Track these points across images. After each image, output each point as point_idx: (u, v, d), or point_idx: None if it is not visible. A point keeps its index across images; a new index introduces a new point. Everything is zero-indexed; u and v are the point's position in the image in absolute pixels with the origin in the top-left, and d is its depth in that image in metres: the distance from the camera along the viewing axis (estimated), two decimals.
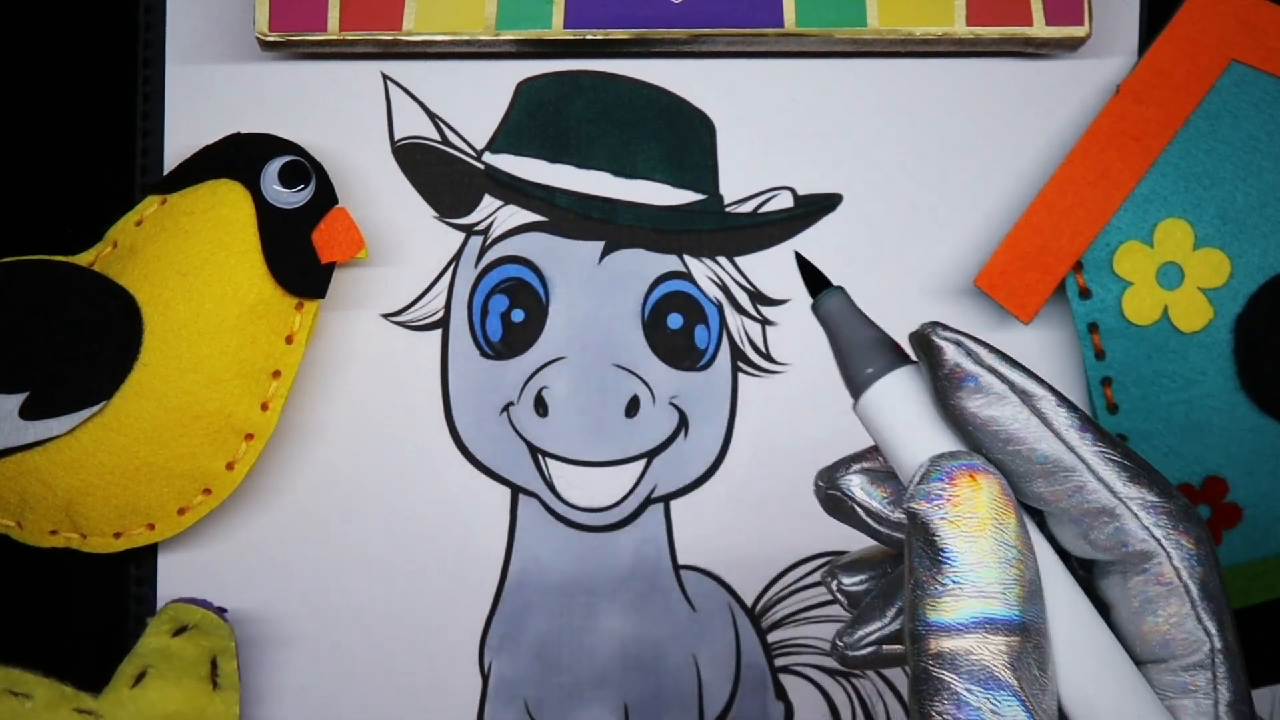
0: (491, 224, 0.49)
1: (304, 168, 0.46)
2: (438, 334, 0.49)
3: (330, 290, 0.47)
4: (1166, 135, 0.48)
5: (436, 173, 0.49)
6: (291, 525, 0.49)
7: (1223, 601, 0.32)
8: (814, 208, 0.49)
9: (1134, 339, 0.48)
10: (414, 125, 0.49)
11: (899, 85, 0.49)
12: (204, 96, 0.48)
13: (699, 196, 0.49)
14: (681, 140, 0.49)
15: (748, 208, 0.49)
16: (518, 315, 0.49)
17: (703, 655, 0.49)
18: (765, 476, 0.49)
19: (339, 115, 0.49)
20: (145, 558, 0.48)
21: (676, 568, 0.49)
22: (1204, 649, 0.32)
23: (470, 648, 0.49)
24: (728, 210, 0.49)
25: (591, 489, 0.49)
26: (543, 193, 0.49)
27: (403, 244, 0.49)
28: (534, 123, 0.49)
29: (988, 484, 0.32)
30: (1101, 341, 0.48)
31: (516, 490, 0.49)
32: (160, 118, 0.48)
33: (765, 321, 0.49)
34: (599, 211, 0.49)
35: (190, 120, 0.48)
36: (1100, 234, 0.48)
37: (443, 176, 0.49)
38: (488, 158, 0.49)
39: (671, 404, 0.49)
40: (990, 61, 0.49)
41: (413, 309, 0.49)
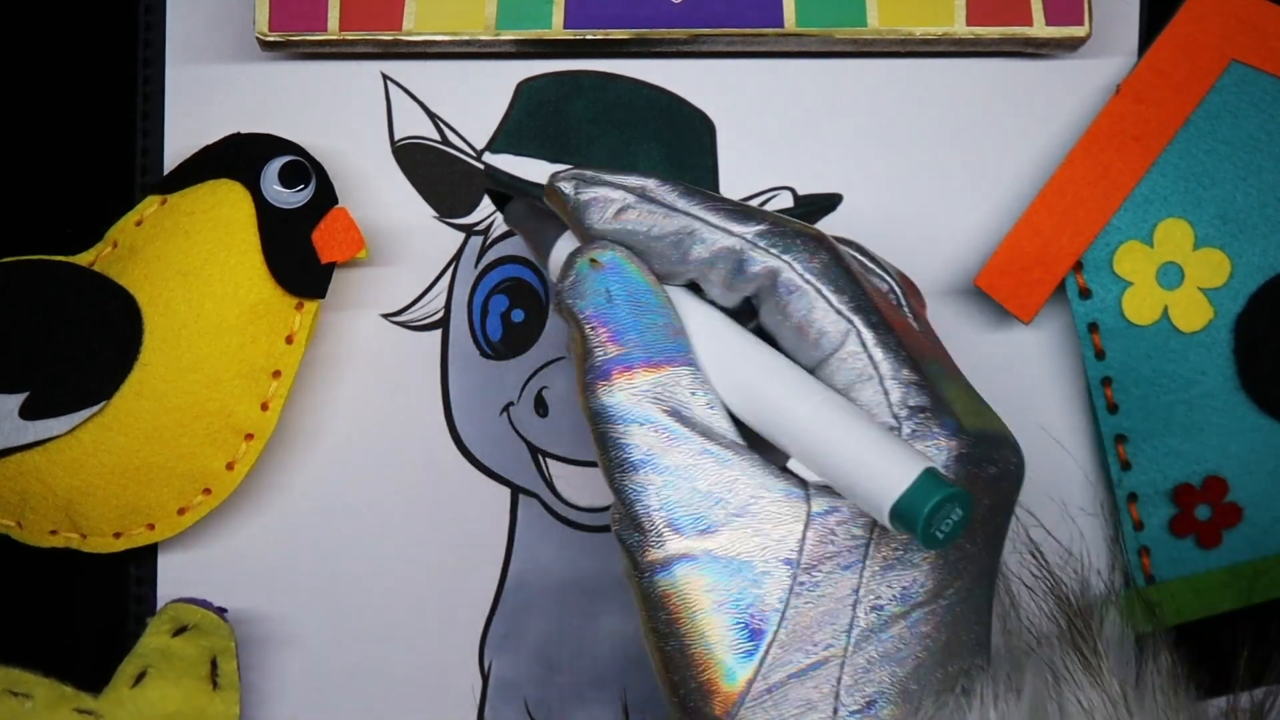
0: (491, 224, 0.49)
1: (304, 168, 0.46)
2: (438, 334, 0.49)
3: (330, 290, 0.47)
4: (1166, 135, 0.48)
5: (436, 173, 0.49)
6: (291, 525, 0.49)
7: (859, 292, 0.37)
8: (814, 208, 0.49)
9: (1134, 339, 0.48)
10: (414, 125, 0.49)
11: (899, 85, 0.49)
12: (204, 96, 0.48)
13: None
14: (681, 140, 0.49)
15: None
16: (518, 315, 0.49)
17: None
18: None
19: (339, 115, 0.49)
20: (145, 558, 0.48)
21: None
22: (851, 336, 0.36)
23: (470, 648, 0.49)
24: None
25: (591, 489, 0.49)
26: (543, 193, 0.49)
27: (403, 244, 0.49)
28: (534, 123, 0.49)
29: (610, 260, 0.38)
30: (1101, 341, 0.48)
31: (516, 490, 0.49)
32: (160, 118, 0.48)
33: None
34: None
35: (190, 120, 0.48)
36: (1100, 234, 0.48)
37: (443, 176, 0.49)
38: (488, 158, 0.49)
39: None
40: (990, 61, 0.49)
41: (413, 309, 0.49)
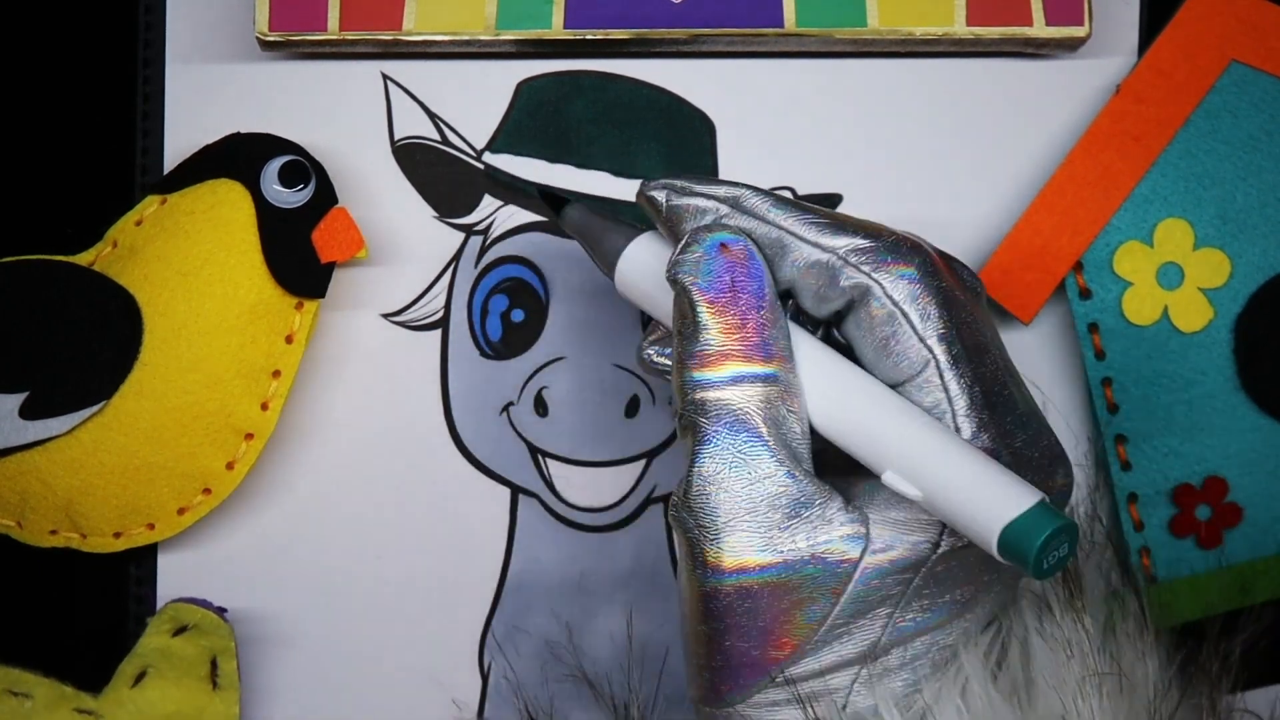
0: (491, 224, 0.49)
1: (304, 167, 0.46)
2: (438, 334, 0.49)
3: (330, 290, 0.47)
4: (1166, 135, 0.48)
5: (436, 173, 0.49)
6: (291, 525, 0.49)
7: (947, 321, 0.37)
8: None
9: (1134, 339, 0.48)
10: (414, 125, 0.49)
11: (899, 85, 0.49)
12: (204, 96, 0.48)
13: None
14: (681, 140, 0.49)
15: None
16: (518, 315, 0.49)
17: None
18: None
19: (339, 115, 0.49)
20: (145, 558, 0.48)
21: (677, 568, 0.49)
22: (930, 366, 0.37)
23: (470, 648, 0.49)
24: None
25: (591, 489, 0.49)
26: (536, 191, 0.49)
27: (403, 244, 0.49)
28: (534, 123, 0.49)
29: (742, 249, 0.37)
30: (1101, 341, 0.48)
31: (516, 490, 0.49)
32: (160, 118, 0.48)
33: None
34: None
35: (190, 120, 0.48)
36: (1100, 234, 0.48)
37: (443, 176, 0.49)
38: (488, 158, 0.49)
39: (671, 404, 0.49)
40: (990, 61, 0.49)
41: (413, 309, 0.49)
